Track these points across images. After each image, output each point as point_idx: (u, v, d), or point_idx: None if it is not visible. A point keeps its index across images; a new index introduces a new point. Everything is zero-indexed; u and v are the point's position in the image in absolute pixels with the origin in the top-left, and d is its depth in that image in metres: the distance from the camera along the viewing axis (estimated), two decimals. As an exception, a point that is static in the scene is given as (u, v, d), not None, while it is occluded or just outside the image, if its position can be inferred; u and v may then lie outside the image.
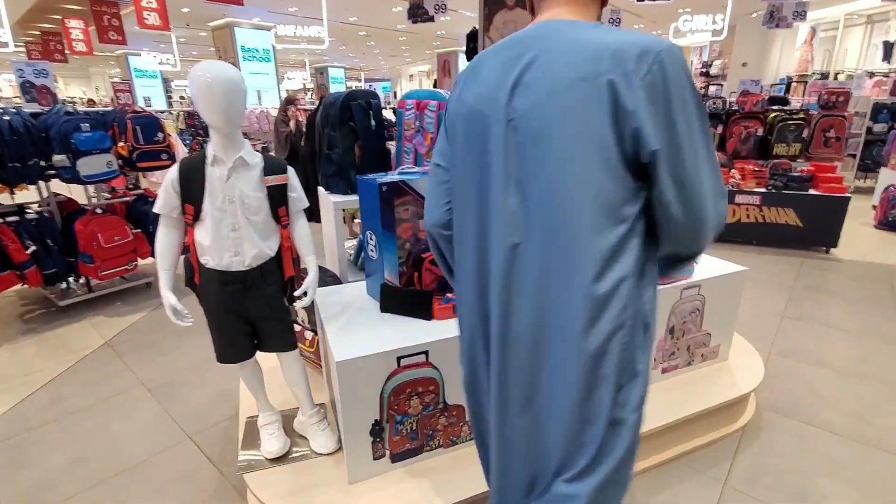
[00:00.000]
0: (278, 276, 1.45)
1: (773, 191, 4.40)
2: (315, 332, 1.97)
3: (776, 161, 4.56)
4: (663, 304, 1.82)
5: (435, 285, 1.61)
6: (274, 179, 1.36)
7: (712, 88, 11.43)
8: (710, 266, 2.00)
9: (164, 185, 1.31)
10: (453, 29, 12.98)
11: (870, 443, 1.88)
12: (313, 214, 2.00)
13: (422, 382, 1.43)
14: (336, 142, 2.02)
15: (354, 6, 11.02)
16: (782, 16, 8.04)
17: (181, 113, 10.51)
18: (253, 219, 1.35)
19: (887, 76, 7.85)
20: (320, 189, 2.19)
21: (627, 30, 0.87)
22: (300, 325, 2.04)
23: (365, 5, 10.84)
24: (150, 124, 3.56)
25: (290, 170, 1.40)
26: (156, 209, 1.33)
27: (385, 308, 1.59)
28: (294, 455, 1.57)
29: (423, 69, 22.71)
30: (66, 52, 10.61)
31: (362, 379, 1.35)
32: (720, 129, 4.95)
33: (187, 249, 1.39)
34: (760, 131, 4.77)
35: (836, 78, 10.35)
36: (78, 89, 21.96)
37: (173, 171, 1.31)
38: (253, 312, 1.43)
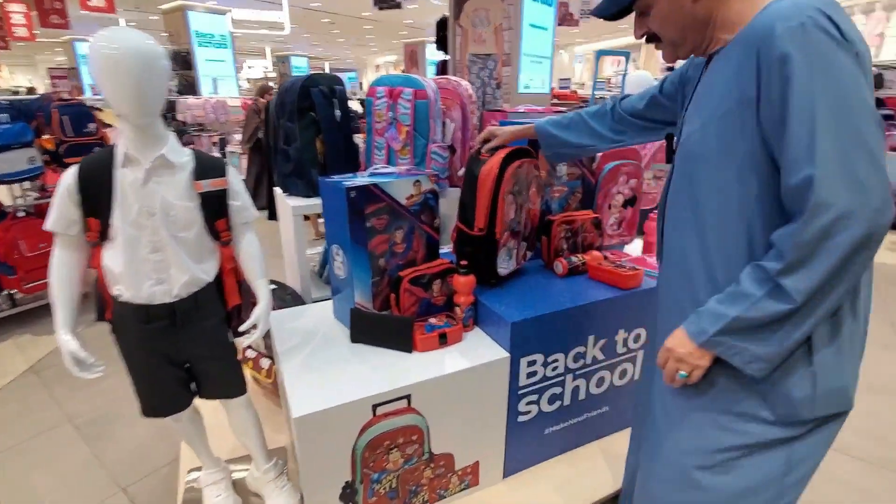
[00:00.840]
0: (219, 305, 1.15)
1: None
2: (273, 359, 1.67)
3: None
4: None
5: (416, 309, 1.35)
6: (208, 184, 1.05)
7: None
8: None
9: (58, 192, 0.99)
10: (421, 18, 12.60)
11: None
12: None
13: (403, 432, 1.17)
14: (294, 135, 1.71)
15: (317, -9, 10.50)
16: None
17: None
18: (182, 236, 1.04)
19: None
20: (277, 190, 1.88)
21: None
22: (255, 351, 1.73)
23: (328, -10, 10.35)
24: (80, 114, 3.11)
25: (232, 171, 1.10)
26: (47, 226, 1.00)
27: (356, 338, 1.32)
28: (246, 520, 1.28)
29: (389, 59, 22.15)
30: (7, 38, 9.68)
31: (329, 436, 1.07)
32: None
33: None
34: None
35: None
36: (24, 78, 20.33)
37: (69, 176, 0.99)
38: (187, 353, 1.13)
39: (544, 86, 6.37)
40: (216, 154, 8.18)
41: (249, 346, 1.74)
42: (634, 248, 2.04)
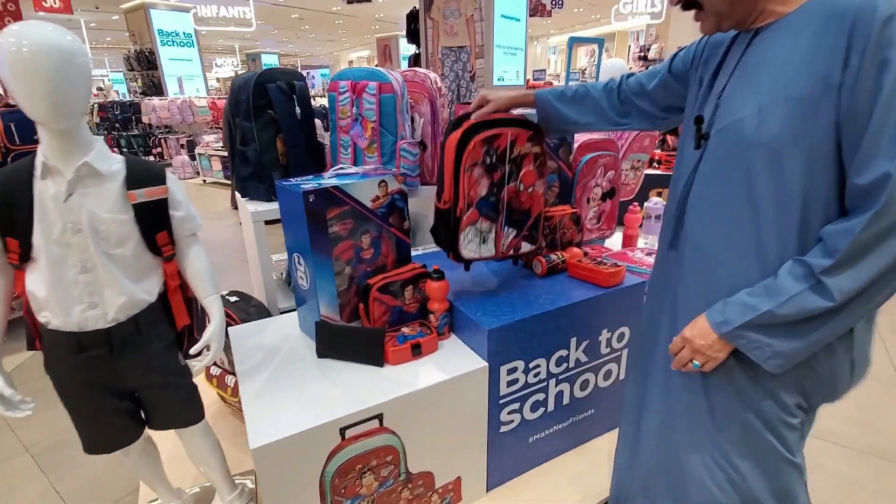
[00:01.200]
0: (166, 328, 1.04)
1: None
2: (239, 376, 1.56)
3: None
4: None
5: (387, 318, 1.26)
6: (144, 194, 0.94)
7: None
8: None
9: (-31, 210, 0.87)
10: (392, 12, 12.40)
11: (883, 455, 1.72)
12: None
13: (376, 454, 1.08)
14: (251, 135, 1.59)
15: (284, -14, 10.23)
16: None
17: (94, 105, 9.38)
18: (116, 253, 0.93)
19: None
20: (238, 196, 1.76)
21: None
22: (220, 367, 1.62)
23: (296, -15, 10.08)
24: (28, 120, 2.91)
25: (172, 178, 0.99)
26: (-42, 247, 0.88)
27: (323, 353, 1.22)
28: (211, 556, 1.18)
29: (362, 55, 21.83)
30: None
31: (293, 465, 0.98)
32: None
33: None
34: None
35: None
36: (-30, 82, 19.36)
37: (-21, 190, 0.87)
38: (131, 383, 1.02)
39: (518, 77, 6.29)
40: (184, 156, 7.91)
41: (214, 363, 1.63)
42: (615, 241, 1.99)
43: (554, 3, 8.58)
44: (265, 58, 16.73)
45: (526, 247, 1.31)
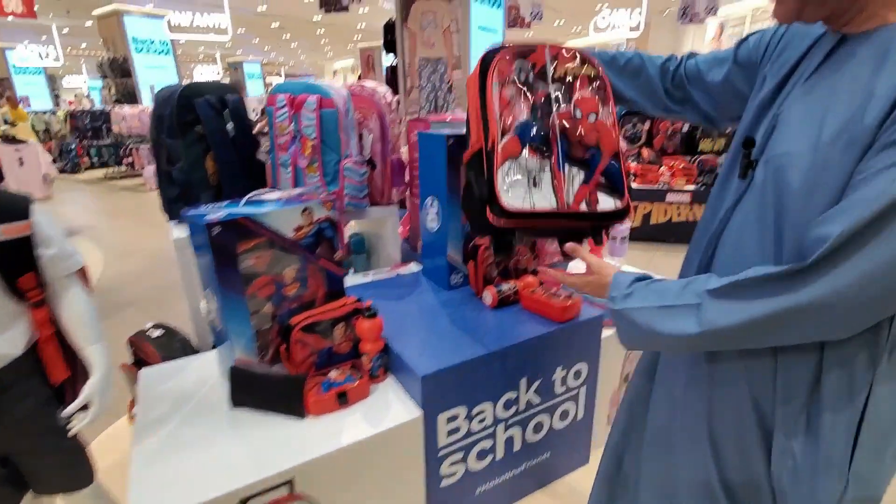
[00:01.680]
0: (38, 383, 0.90)
1: (703, 188, 4.32)
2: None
3: (702, 157, 4.49)
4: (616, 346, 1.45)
5: (313, 361, 1.12)
6: (1, 232, 0.80)
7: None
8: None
9: None
10: (374, 21, 12.35)
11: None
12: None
13: (288, 524, 0.94)
14: (176, 153, 1.46)
15: (262, -6, 10.12)
16: (695, 11, 8.22)
17: (66, 114, 9.09)
18: (-35, 300, 0.79)
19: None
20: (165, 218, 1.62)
21: None
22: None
23: (274, -7, 9.98)
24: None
25: (40, 211, 0.85)
26: None
27: (238, 401, 1.08)
28: None
29: (346, 65, 21.77)
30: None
31: (180, 545, 0.83)
32: (647, 125, 4.85)
33: None
34: (686, 127, 4.69)
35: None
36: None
37: None
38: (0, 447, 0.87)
39: (495, 89, 6.20)
40: (149, 167, 7.68)
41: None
42: (580, 266, 1.88)
43: (533, 15, 8.60)
44: (247, 66, 16.53)
45: (607, 202, 0.87)
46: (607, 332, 1.34)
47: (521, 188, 0.83)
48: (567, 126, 0.86)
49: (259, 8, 11.29)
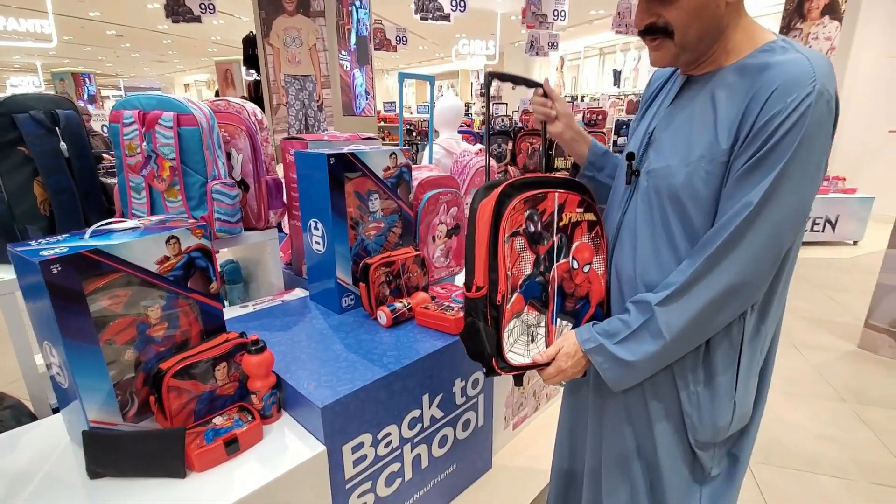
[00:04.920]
0: None
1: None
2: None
3: (557, 173, 5.05)
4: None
5: (192, 409, 0.99)
6: None
7: (501, 108, 12.78)
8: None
9: None
10: (230, 35, 11.59)
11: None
12: None
13: None
14: (-11, 179, 1.19)
15: (92, -3, 8.87)
16: (540, 45, 9.22)
17: None
18: None
19: (619, 98, 9.74)
20: (-24, 258, 1.30)
21: None
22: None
23: (107, -2, 8.82)
24: None
25: None
26: None
27: (96, 472, 0.90)
28: None
29: (200, 78, 20.05)
30: None
31: None
32: (510, 144, 5.28)
33: None
34: (541, 147, 5.22)
35: (581, 100, 12.49)
36: None
37: None
38: None
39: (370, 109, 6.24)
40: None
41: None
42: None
43: (398, 39, 8.86)
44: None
45: None
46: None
47: (521, 344, 0.92)
48: (563, 279, 0.94)
49: (91, 13, 9.88)
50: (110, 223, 0.97)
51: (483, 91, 1.07)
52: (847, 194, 5.26)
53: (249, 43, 5.55)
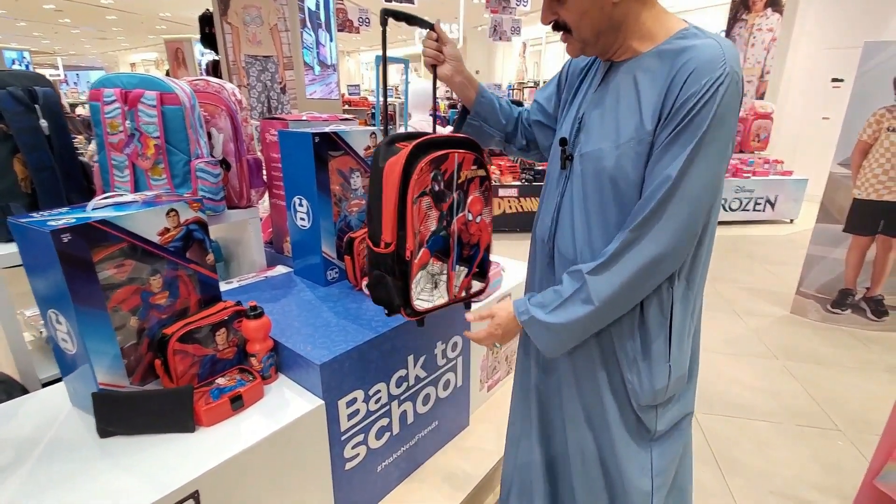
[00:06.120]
0: None
1: (526, 183, 4.99)
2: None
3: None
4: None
5: (196, 372, 1.06)
6: None
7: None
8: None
9: None
10: (181, 11, 11.04)
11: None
12: None
13: (193, 541, 0.89)
14: (-31, 157, 1.19)
15: (25, -33, 8.24)
16: (503, 30, 9.29)
17: None
18: None
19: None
20: (-47, 237, 1.29)
21: None
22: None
23: (43, -32, 8.21)
24: None
25: None
26: None
27: (107, 431, 0.96)
28: None
29: (148, 57, 18.96)
30: None
31: None
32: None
33: None
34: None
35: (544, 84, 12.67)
36: None
37: None
38: None
39: (333, 92, 6.18)
40: None
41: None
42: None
43: (361, 20, 8.71)
44: (7, 54, 13.13)
45: (477, 286, 1.13)
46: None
47: (426, 292, 1.02)
48: (462, 230, 1.04)
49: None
50: (109, 196, 1.02)
51: (383, 38, 1.08)
52: (784, 176, 5.69)
53: (206, 21, 5.35)
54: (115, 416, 0.96)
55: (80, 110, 6.22)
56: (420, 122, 2.69)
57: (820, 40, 6.73)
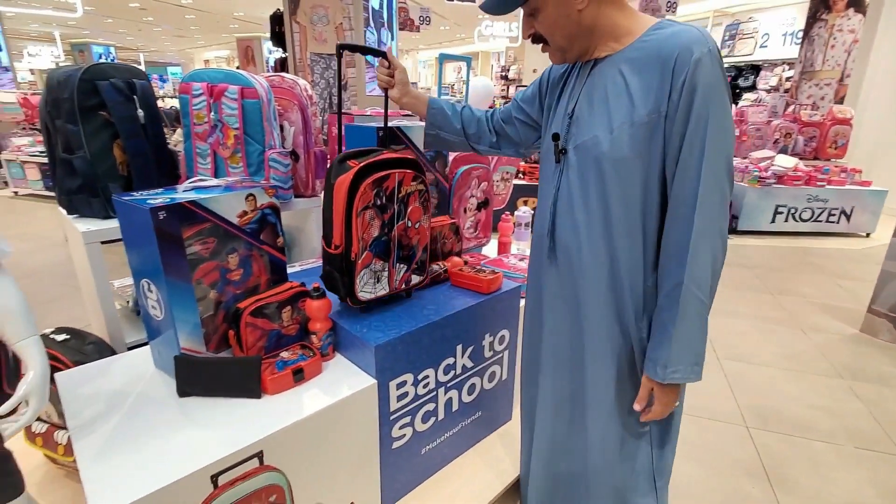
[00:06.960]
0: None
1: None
2: (73, 430, 1.29)
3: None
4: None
5: (263, 344, 1.15)
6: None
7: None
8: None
9: None
10: (253, 11, 11.63)
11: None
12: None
13: (257, 496, 0.97)
14: (78, 141, 1.34)
15: (118, -30, 8.97)
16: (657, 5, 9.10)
17: None
18: None
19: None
20: (62, 212, 1.47)
21: None
22: (46, 422, 1.33)
23: (133, -30, 8.90)
24: None
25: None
26: None
27: (185, 392, 1.07)
28: None
29: (221, 54, 20.11)
30: None
31: (151, 529, 0.83)
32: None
33: None
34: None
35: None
36: None
37: None
38: None
39: (391, 88, 6.28)
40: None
41: (38, 418, 1.34)
42: (491, 249, 2.09)
43: (421, 19, 8.85)
44: (96, 49, 14.37)
45: (416, 279, 1.34)
46: (524, 302, 1.55)
47: (369, 285, 1.22)
48: (401, 235, 1.24)
49: (113, -15, 10.00)
50: (200, 180, 1.12)
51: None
52: (862, 186, 5.26)
53: (276, 20, 5.63)
54: (193, 378, 1.06)
55: (159, 103, 6.71)
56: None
57: (909, 42, 6.16)
